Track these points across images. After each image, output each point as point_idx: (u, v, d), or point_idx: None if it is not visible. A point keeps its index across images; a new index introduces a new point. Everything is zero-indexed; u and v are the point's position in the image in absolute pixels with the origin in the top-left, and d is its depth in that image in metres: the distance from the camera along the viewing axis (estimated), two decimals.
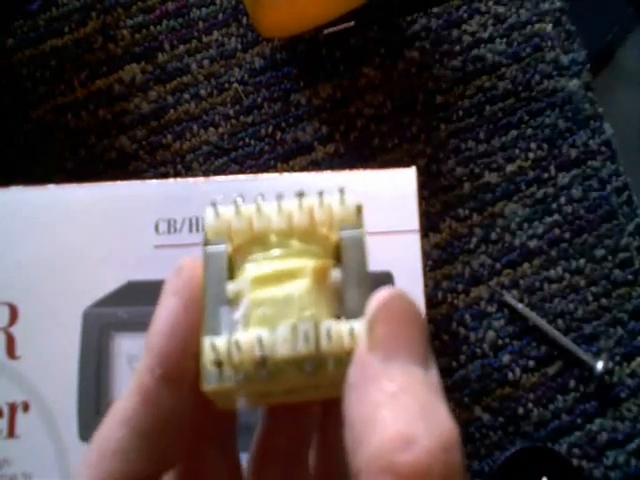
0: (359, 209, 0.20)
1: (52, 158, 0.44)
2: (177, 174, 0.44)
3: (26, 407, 0.32)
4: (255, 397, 0.20)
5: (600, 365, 0.41)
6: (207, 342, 0.18)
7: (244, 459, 0.23)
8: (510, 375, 0.41)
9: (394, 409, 0.16)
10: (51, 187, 0.35)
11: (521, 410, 0.41)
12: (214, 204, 0.20)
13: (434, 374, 0.17)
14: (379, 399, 0.16)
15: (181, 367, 0.19)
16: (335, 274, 0.19)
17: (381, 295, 0.18)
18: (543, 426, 0.41)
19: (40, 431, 0.32)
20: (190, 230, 0.34)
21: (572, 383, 0.41)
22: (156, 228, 0.34)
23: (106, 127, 0.45)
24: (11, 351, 0.33)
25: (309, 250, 0.19)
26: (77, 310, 0.33)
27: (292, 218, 0.19)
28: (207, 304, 0.19)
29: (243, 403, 0.20)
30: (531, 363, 0.42)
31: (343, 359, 0.17)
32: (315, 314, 0.18)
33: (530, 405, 0.41)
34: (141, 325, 0.22)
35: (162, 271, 0.27)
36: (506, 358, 0.42)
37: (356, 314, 0.18)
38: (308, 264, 0.19)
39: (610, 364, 0.42)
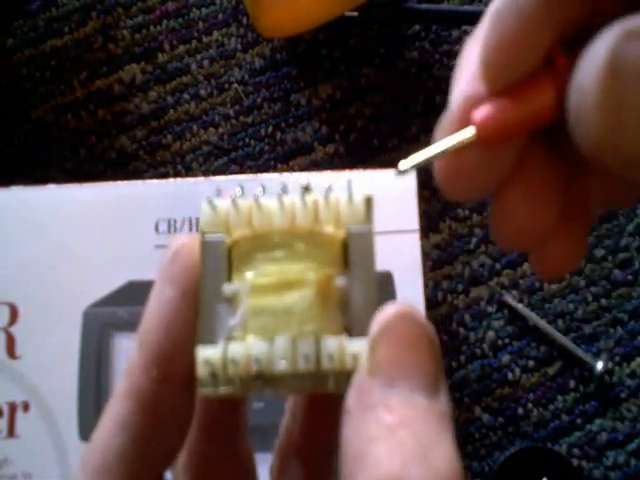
0: (369, 202, 0.18)
1: (52, 158, 0.44)
2: (177, 174, 0.44)
3: (26, 407, 0.32)
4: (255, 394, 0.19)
5: (600, 365, 0.41)
6: (201, 355, 0.17)
7: (260, 459, 0.23)
8: (510, 375, 0.41)
9: (389, 446, 0.14)
10: (51, 187, 0.35)
11: (521, 410, 0.41)
12: (210, 198, 0.18)
13: (443, 402, 0.15)
14: (374, 432, 0.15)
15: (181, 366, 0.18)
16: (340, 281, 0.18)
17: (387, 313, 0.16)
18: (543, 426, 0.41)
19: (40, 431, 0.32)
20: (190, 230, 0.34)
21: (572, 383, 0.41)
22: (156, 228, 0.34)
23: (106, 127, 0.45)
24: (11, 351, 0.33)
25: (313, 253, 0.18)
26: (77, 310, 0.33)
27: (295, 216, 0.18)
28: (203, 301, 0.18)
29: (246, 397, 0.19)
30: (531, 363, 0.42)
31: (345, 377, 0.16)
32: (316, 329, 0.17)
33: (530, 405, 0.41)
34: None
35: None
36: (506, 358, 0.42)
37: (362, 325, 0.17)
38: (311, 274, 0.17)
39: (610, 364, 0.42)
